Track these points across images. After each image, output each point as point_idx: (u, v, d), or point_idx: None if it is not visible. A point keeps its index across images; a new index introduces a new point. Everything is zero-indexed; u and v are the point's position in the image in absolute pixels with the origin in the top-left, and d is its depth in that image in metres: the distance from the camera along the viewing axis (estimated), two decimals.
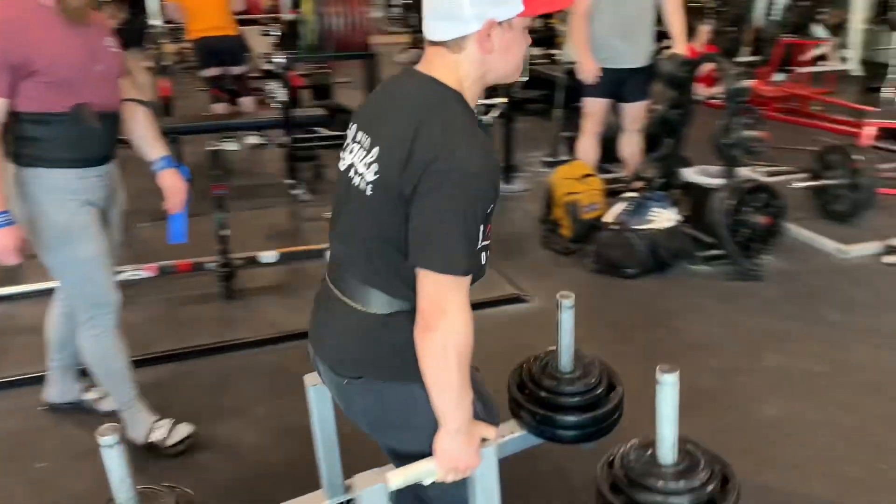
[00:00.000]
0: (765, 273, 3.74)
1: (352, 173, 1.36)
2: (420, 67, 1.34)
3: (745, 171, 4.02)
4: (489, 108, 4.76)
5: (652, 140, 4.53)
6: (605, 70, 4.23)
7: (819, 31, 9.29)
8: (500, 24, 1.26)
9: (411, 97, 1.32)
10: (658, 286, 3.70)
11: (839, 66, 9.57)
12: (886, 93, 6.07)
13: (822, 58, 9.36)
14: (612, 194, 4.31)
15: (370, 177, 1.30)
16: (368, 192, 1.30)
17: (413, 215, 1.24)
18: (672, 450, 1.46)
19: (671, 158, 4.23)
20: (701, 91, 5.99)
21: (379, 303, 1.35)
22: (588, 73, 4.25)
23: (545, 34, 7.81)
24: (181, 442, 2.43)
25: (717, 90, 5.46)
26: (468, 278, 1.25)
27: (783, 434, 2.52)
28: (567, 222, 4.16)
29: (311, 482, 1.86)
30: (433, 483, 1.39)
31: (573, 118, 5.05)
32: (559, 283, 3.74)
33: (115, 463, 1.28)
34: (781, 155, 5.68)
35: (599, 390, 1.76)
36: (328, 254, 1.50)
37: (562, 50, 6.78)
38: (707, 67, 4.87)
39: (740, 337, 3.18)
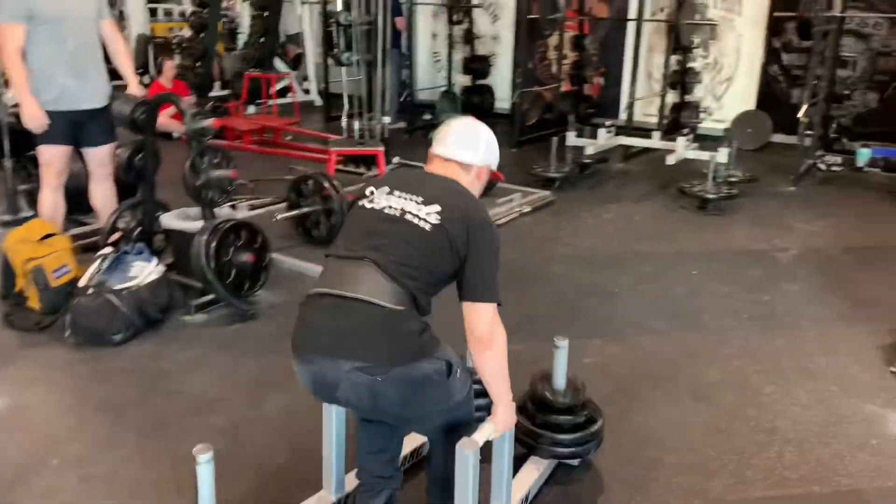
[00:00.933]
0: (260, 310, 3.72)
1: (395, 213, 1.84)
2: (438, 171, 1.99)
3: (225, 210, 3.95)
4: None
5: (125, 186, 4.17)
6: (56, 113, 3.73)
7: (280, 65, 9.92)
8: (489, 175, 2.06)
9: (448, 184, 1.93)
10: (153, 347, 3.38)
11: (303, 98, 10.38)
12: (345, 122, 6.71)
13: (286, 90, 10.02)
14: (89, 250, 3.83)
15: (434, 220, 1.81)
16: (428, 230, 1.80)
17: (471, 259, 1.81)
18: None
19: (146, 205, 3.93)
20: (175, 128, 5.80)
21: (401, 301, 1.76)
22: (32, 119, 3.69)
23: None
24: None
25: None
26: None
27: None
28: (33, 293, 3.54)
29: None
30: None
31: (30, 168, 4.37)
32: (32, 369, 3.23)
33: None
34: (263, 187, 5.82)
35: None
36: (327, 278, 1.86)
37: (6, 89, 5.85)
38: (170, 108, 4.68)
39: (244, 385, 3.08)
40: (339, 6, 6.49)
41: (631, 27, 7.92)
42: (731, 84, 8.37)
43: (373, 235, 1.84)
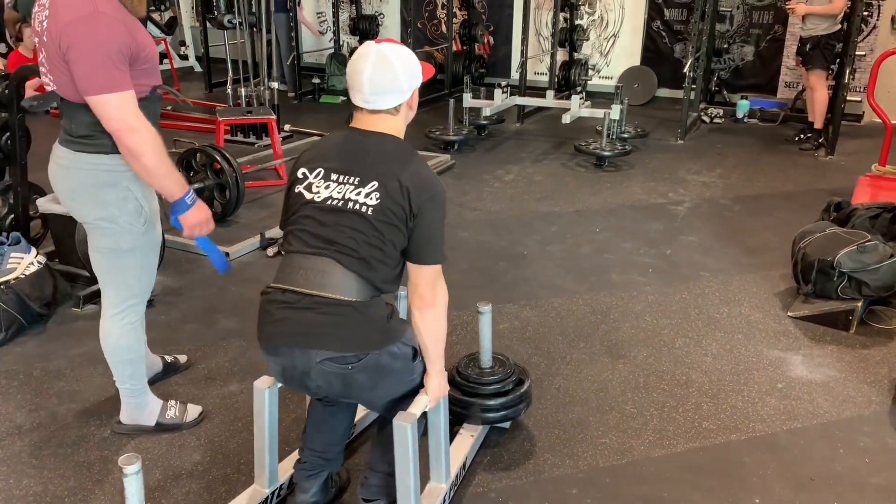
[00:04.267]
0: (157, 297, 3.48)
1: (337, 203, 1.80)
2: (364, 126, 1.86)
3: None
4: None
5: None
6: None
7: (153, 29, 9.29)
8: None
9: (381, 148, 1.84)
10: (40, 346, 3.10)
11: (180, 64, 9.79)
12: (230, 89, 6.37)
13: (162, 56, 9.42)
14: None
15: (373, 202, 1.78)
16: (371, 213, 1.77)
17: (417, 229, 1.80)
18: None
19: (18, 189, 3.58)
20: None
21: (357, 290, 1.79)
22: None
23: None
24: (198, 418, 2.59)
25: None
26: None
27: None
28: None
29: None
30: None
31: None
32: None
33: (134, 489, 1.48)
34: None
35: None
36: (287, 272, 1.83)
37: None
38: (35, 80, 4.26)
39: None
40: None
41: None
42: (616, 40, 8.52)
43: (324, 228, 1.81)
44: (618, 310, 3.48)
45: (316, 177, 1.85)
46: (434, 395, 1.97)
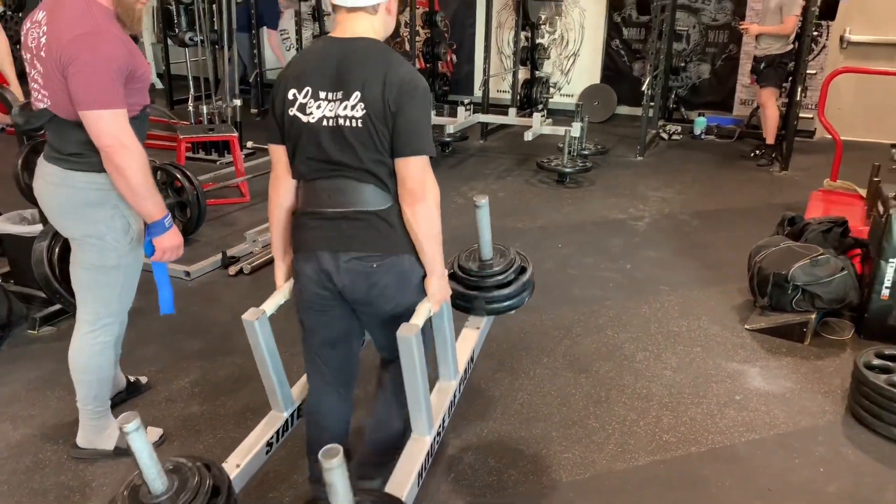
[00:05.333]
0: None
1: (330, 122, 1.84)
2: (344, 33, 1.88)
3: None
4: None
5: None
6: None
7: None
8: None
9: (361, 53, 1.85)
10: None
11: None
12: (191, 106, 6.31)
13: None
14: None
15: (359, 113, 1.81)
16: (360, 125, 1.82)
17: (397, 123, 1.81)
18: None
19: None
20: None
21: (377, 199, 1.89)
22: None
23: None
24: (157, 441, 2.54)
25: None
26: None
27: None
28: None
29: None
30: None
31: None
32: None
33: (141, 445, 1.49)
34: None
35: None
36: (310, 195, 1.95)
37: None
38: None
39: None
40: None
41: (481, 3, 7.98)
42: (577, 59, 8.66)
43: (327, 151, 1.87)
44: (580, 324, 3.52)
45: (305, 96, 1.86)
46: (435, 298, 2.02)
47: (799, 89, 6.20)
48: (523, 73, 8.32)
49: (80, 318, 2.39)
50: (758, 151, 6.70)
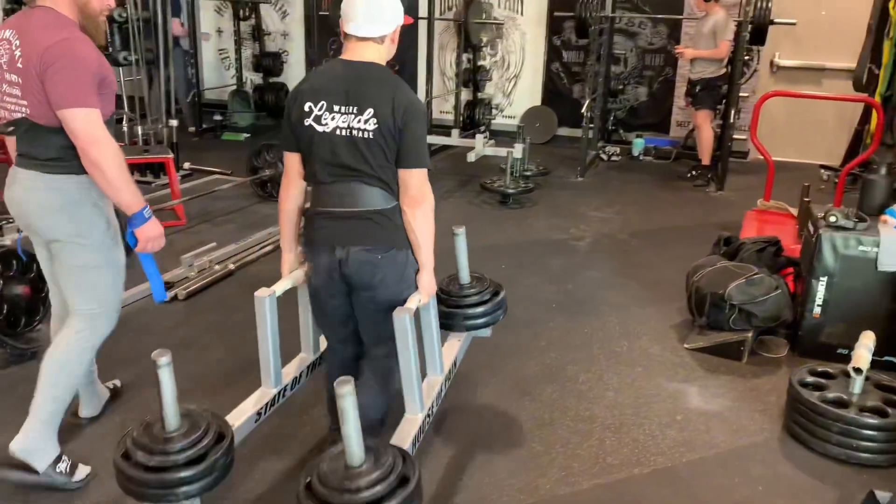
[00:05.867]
0: (41, 348, 3.26)
1: (344, 132, 2.17)
2: (353, 57, 2.22)
3: None
4: None
5: None
6: None
7: None
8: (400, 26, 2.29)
9: (372, 75, 2.20)
10: None
11: None
12: (126, 127, 6.14)
13: None
14: None
15: (371, 127, 2.15)
16: (371, 137, 2.15)
17: (403, 139, 2.17)
18: None
19: None
20: None
21: (382, 201, 2.22)
22: None
23: None
24: (84, 479, 2.47)
25: None
26: None
27: None
28: None
29: None
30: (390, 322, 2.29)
31: None
32: None
33: (167, 380, 1.83)
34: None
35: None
36: (324, 196, 2.26)
37: None
38: None
39: None
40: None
41: (422, 25, 8.02)
42: (518, 81, 8.76)
43: (340, 157, 2.19)
44: (524, 346, 3.52)
45: (321, 109, 2.19)
46: (426, 290, 2.39)
47: (732, 112, 6.40)
48: (466, 95, 8.38)
49: (71, 319, 2.46)
50: (694, 172, 6.86)
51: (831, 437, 2.66)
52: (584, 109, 6.82)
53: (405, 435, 2.32)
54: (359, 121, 2.15)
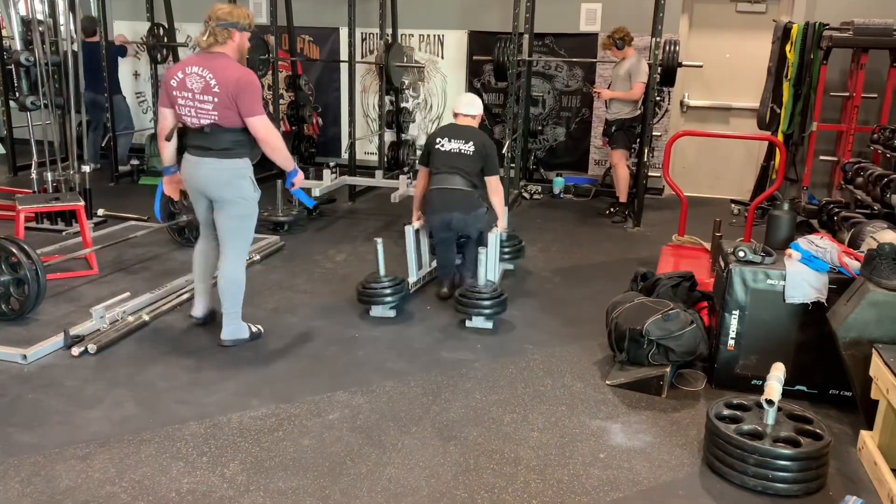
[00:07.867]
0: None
1: (454, 150, 4.58)
2: (458, 121, 4.76)
3: None
4: None
5: None
6: None
7: None
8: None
9: (471, 130, 4.70)
10: None
11: None
12: (35, 173, 5.89)
13: None
14: None
15: (471, 150, 4.57)
16: (471, 154, 4.57)
17: (487, 159, 4.62)
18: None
19: None
20: None
21: (472, 186, 4.59)
22: None
23: None
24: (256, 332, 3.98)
25: None
26: None
27: None
28: None
29: None
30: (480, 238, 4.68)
31: None
32: None
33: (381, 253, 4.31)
34: None
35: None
36: (440, 181, 4.61)
37: None
38: None
39: None
40: (18, 44, 5.71)
41: (344, 68, 8.04)
42: (440, 122, 8.86)
43: (453, 161, 4.55)
44: (449, 389, 3.49)
45: (445, 140, 4.60)
46: (501, 227, 4.79)
47: (646, 150, 6.62)
48: (390, 136, 8.42)
49: (229, 253, 3.77)
50: (612, 209, 7.05)
51: (748, 469, 2.71)
52: (505, 150, 6.94)
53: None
54: (465, 146, 4.56)
